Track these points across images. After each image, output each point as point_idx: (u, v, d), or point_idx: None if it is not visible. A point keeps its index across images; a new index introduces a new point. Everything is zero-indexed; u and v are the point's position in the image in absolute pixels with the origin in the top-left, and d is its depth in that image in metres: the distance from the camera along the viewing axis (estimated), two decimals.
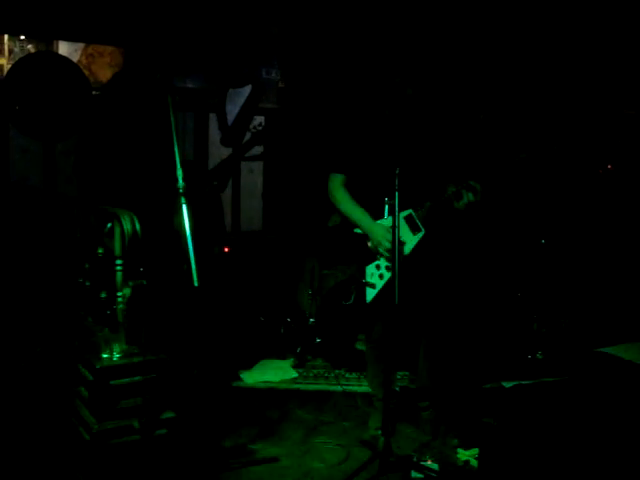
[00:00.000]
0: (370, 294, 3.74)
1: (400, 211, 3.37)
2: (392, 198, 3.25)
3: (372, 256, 3.72)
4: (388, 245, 3.52)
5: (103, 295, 3.24)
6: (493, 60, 5.72)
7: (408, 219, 3.64)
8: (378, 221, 3.66)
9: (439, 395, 3.97)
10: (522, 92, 5.55)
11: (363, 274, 3.76)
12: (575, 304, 4.42)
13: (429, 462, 3.59)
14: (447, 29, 5.90)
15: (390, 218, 3.39)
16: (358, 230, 3.73)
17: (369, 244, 3.70)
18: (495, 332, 5.35)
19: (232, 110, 6.83)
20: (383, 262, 3.68)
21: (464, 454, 3.66)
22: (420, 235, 3.64)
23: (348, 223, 3.80)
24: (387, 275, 3.66)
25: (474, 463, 3.56)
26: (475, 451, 3.61)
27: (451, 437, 3.84)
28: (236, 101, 6.83)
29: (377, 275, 3.71)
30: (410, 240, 3.63)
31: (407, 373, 4.84)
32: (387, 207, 3.56)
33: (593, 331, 4.09)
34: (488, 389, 2.61)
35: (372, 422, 4.01)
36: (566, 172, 5.06)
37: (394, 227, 3.23)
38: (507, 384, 2.60)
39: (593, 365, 2.96)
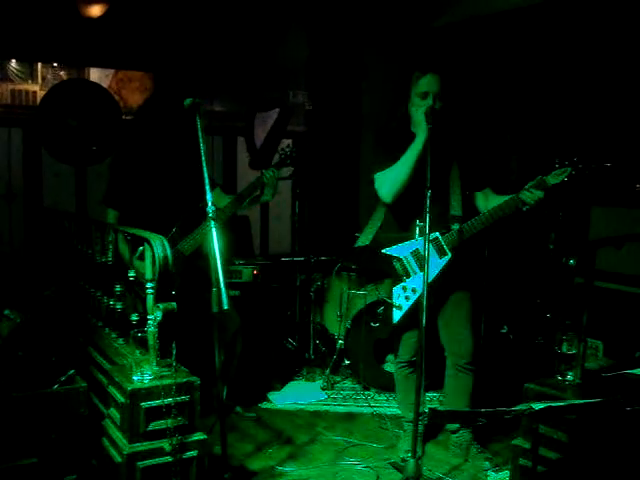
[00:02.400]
0: (397, 315, 3.74)
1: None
2: (422, 220, 3.25)
3: (399, 277, 3.73)
4: None
5: (134, 318, 3.28)
6: (521, 81, 5.72)
7: (435, 242, 3.63)
8: (408, 242, 3.67)
9: (469, 417, 3.94)
10: (549, 113, 5.55)
11: (390, 295, 3.76)
12: (608, 327, 4.37)
13: None
14: (479, 52, 5.92)
15: (421, 240, 3.39)
16: (385, 251, 3.74)
17: (396, 265, 3.71)
18: (523, 353, 5.32)
19: (260, 133, 6.90)
20: (409, 284, 3.68)
21: (495, 477, 3.63)
22: (446, 259, 3.63)
23: (376, 244, 3.82)
24: (413, 297, 3.66)
25: None
26: (506, 474, 3.58)
27: (482, 460, 3.81)
28: (264, 124, 6.91)
29: (403, 297, 3.70)
30: (436, 263, 3.62)
31: (437, 394, 4.81)
32: (418, 229, 3.56)
33: (624, 354, 4.04)
34: (518, 411, 2.59)
35: (402, 444, 4.00)
36: (597, 190, 5.04)
37: (425, 249, 3.22)
38: (537, 405, 2.57)
39: (623, 388, 2.92)
